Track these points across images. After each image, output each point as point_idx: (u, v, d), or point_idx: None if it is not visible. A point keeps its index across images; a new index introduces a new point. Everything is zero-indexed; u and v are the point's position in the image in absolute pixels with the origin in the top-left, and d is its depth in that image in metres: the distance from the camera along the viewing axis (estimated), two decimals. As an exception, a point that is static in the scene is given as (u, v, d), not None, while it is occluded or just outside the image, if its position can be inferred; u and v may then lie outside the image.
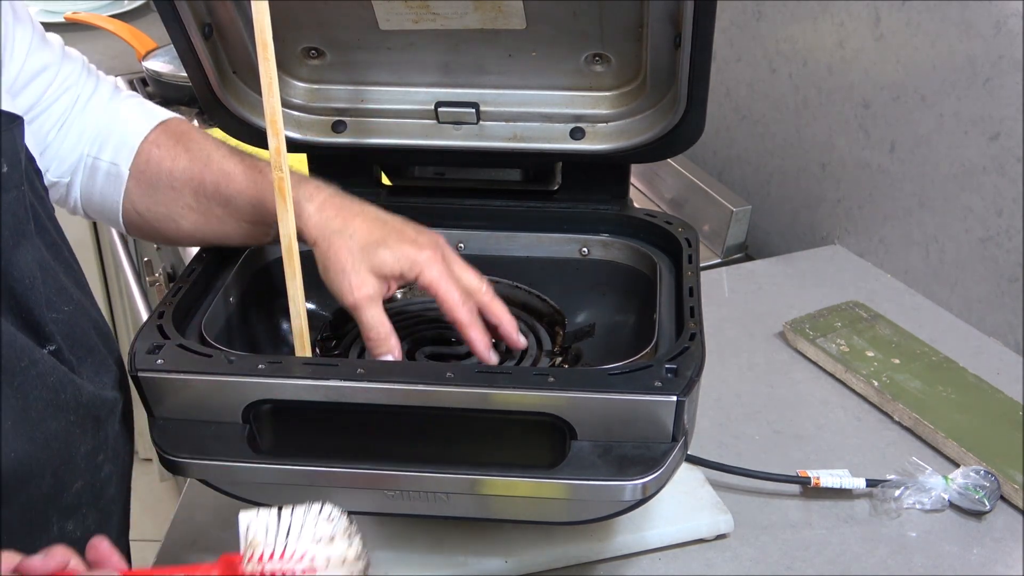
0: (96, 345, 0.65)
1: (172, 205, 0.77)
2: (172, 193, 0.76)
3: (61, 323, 0.62)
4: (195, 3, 0.76)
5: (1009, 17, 0.95)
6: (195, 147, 0.77)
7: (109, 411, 0.65)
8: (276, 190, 0.69)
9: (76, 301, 0.64)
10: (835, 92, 1.19)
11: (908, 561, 0.78)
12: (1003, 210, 1.00)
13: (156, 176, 0.76)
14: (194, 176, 0.76)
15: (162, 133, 0.77)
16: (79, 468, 0.62)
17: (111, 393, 0.65)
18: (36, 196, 0.63)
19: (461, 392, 0.63)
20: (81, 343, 0.64)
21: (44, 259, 0.62)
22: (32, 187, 0.63)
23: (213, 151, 0.77)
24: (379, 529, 0.76)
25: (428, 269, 0.71)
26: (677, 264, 0.80)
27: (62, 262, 0.65)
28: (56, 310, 0.62)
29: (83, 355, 0.64)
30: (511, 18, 0.77)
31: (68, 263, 0.66)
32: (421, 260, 0.71)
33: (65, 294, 0.63)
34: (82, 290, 0.66)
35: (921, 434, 0.90)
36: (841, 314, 1.06)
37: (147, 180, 0.76)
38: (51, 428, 0.59)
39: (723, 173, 1.42)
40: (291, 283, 0.71)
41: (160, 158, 0.76)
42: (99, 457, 0.64)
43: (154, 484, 2.36)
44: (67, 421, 0.60)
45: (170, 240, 0.81)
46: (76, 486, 0.62)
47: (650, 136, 0.81)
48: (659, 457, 0.63)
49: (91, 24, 1.88)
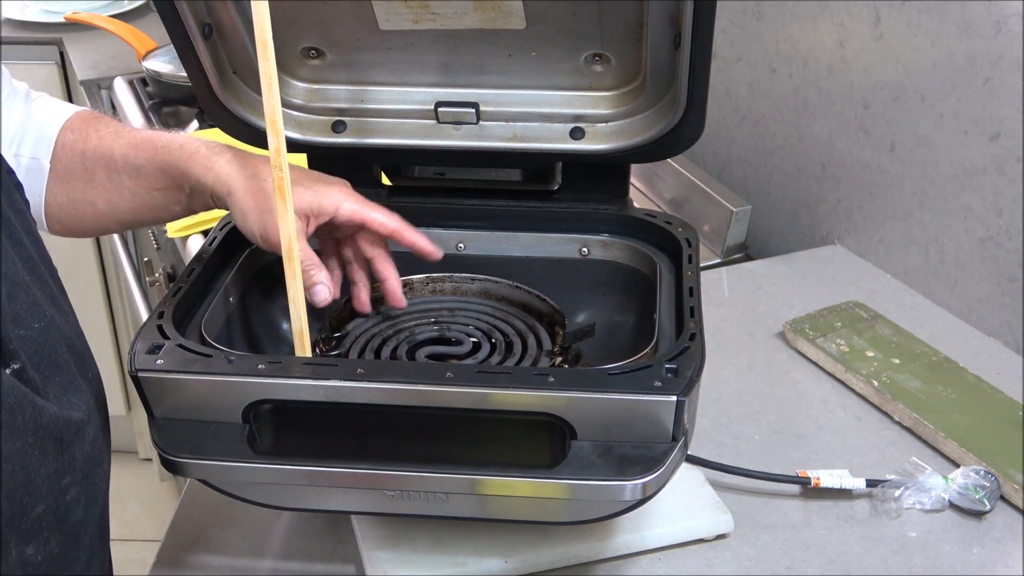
0: (66, 364, 0.63)
1: (86, 188, 0.78)
2: (85, 175, 0.77)
3: (29, 340, 0.59)
4: (195, 3, 0.76)
5: (1009, 17, 0.95)
6: (104, 127, 0.79)
7: (75, 433, 0.62)
8: (276, 190, 0.69)
9: (48, 318, 0.62)
10: (835, 92, 1.19)
11: (908, 561, 0.78)
12: (1003, 210, 1.00)
13: (71, 161, 0.77)
14: (104, 153, 0.77)
15: (75, 119, 0.79)
16: (39, 491, 0.59)
17: (78, 414, 0.62)
18: (14, 209, 0.62)
19: (461, 392, 0.63)
20: (49, 362, 0.61)
21: (16, 274, 0.60)
22: (10, 201, 0.62)
23: (122, 128, 0.79)
24: (379, 529, 0.76)
25: (345, 199, 0.76)
26: (677, 264, 0.80)
27: (37, 278, 0.63)
28: (25, 327, 0.59)
29: (50, 374, 0.61)
30: (511, 18, 0.77)
31: (44, 279, 0.64)
32: (335, 193, 0.76)
33: (37, 310, 0.61)
34: (57, 307, 0.64)
35: (921, 434, 0.90)
36: (841, 314, 1.06)
37: (63, 168, 0.77)
38: (5, 450, 0.57)
39: (723, 173, 1.42)
40: (291, 283, 0.71)
41: (73, 141, 0.78)
42: (63, 480, 0.61)
43: (154, 484, 2.36)
44: (24, 443, 0.57)
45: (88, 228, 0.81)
46: (37, 510, 0.59)
47: (650, 136, 0.81)
48: (659, 457, 0.63)
49: (91, 24, 1.88)
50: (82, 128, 0.78)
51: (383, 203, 0.77)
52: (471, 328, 0.81)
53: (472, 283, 0.86)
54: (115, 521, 0.72)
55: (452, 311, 0.84)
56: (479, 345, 0.79)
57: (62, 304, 0.65)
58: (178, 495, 0.88)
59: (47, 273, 0.65)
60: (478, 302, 0.85)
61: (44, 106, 0.79)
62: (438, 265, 0.83)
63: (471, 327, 0.81)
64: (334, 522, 0.81)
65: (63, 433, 0.61)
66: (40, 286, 0.63)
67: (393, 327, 0.82)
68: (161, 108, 1.69)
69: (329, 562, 0.78)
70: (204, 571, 0.78)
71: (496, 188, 0.88)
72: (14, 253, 0.61)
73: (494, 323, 0.82)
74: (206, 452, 0.66)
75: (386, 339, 0.80)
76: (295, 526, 0.81)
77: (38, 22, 2.09)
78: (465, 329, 0.81)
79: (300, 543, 0.80)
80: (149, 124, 1.63)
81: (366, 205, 0.77)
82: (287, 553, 0.79)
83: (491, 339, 0.80)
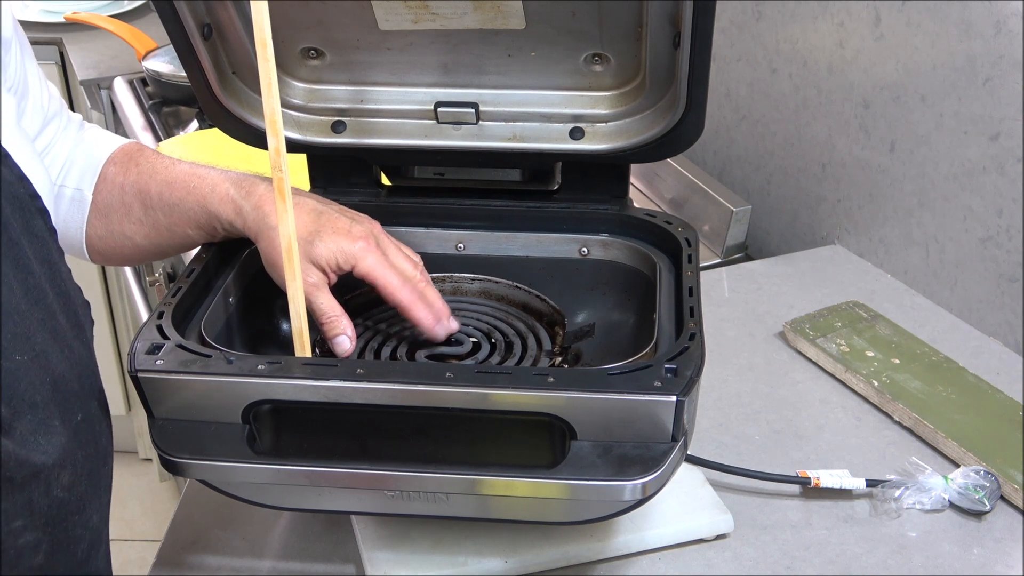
0: (44, 403, 0.59)
1: (124, 222, 0.78)
2: (123, 209, 0.78)
3: (5, 372, 0.56)
4: (194, 3, 0.76)
5: (1009, 17, 0.95)
6: (144, 161, 0.79)
7: (32, 475, 0.58)
8: (276, 190, 0.69)
9: (37, 352, 0.59)
10: (835, 92, 1.19)
11: (908, 561, 0.78)
12: (1003, 210, 1.00)
13: (110, 194, 0.78)
14: (141, 188, 0.78)
15: (119, 152, 0.80)
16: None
17: (42, 458, 0.59)
18: (29, 235, 0.60)
19: (461, 392, 0.63)
20: (23, 398, 0.57)
21: (10, 302, 0.57)
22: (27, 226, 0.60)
23: (159, 163, 0.79)
24: (379, 529, 0.76)
25: (363, 260, 0.74)
26: (677, 264, 0.80)
27: (41, 308, 0.60)
28: (5, 357, 0.57)
29: (22, 410, 0.57)
30: (510, 18, 0.77)
31: (51, 311, 0.61)
32: (355, 251, 0.74)
33: (23, 342, 0.58)
34: (59, 343, 0.61)
35: (921, 434, 0.90)
36: (841, 314, 1.06)
37: (103, 201, 0.78)
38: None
39: (723, 173, 1.42)
40: (291, 283, 0.71)
41: (114, 175, 0.78)
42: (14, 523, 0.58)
43: (154, 484, 2.36)
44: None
45: (129, 260, 0.83)
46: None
47: (650, 136, 0.80)
48: (659, 457, 0.63)
49: (91, 24, 1.88)
50: (124, 162, 0.79)
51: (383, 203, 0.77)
52: (471, 328, 0.81)
53: (472, 283, 0.86)
54: (115, 521, 0.71)
55: (452, 311, 0.84)
56: (479, 345, 0.79)
57: (70, 340, 0.62)
58: (178, 495, 0.88)
59: (59, 306, 0.62)
60: (478, 302, 0.85)
61: (94, 137, 0.80)
62: (438, 265, 0.83)
63: (471, 327, 0.81)
64: (334, 522, 0.81)
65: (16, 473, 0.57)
66: (42, 318, 0.60)
67: (393, 327, 0.82)
68: (161, 108, 1.69)
69: (329, 562, 0.78)
70: (204, 571, 0.78)
71: (496, 188, 0.88)
72: (16, 280, 0.58)
73: (494, 323, 0.82)
74: (206, 452, 0.66)
75: (386, 339, 0.80)
76: (295, 526, 0.81)
77: (38, 22, 2.09)
78: (465, 329, 0.81)
79: (300, 543, 0.80)
80: (149, 124, 1.63)
81: (379, 266, 0.74)
82: (287, 553, 0.79)
83: (491, 339, 0.80)
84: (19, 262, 0.59)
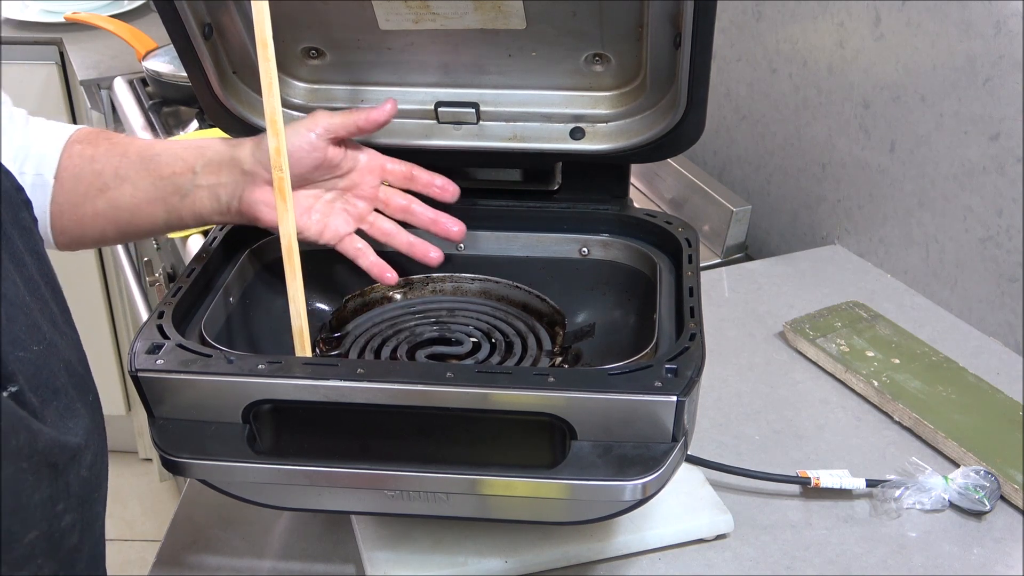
0: (65, 388, 0.62)
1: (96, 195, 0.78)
2: (96, 181, 0.78)
3: (27, 363, 0.58)
4: (195, 3, 0.76)
5: (1009, 17, 0.95)
6: (115, 136, 0.80)
7: (70, 458, 0.61)
8: (276, 190, 0.69)
9: (48, 340, 0.61)
10: (835, 92, 1.19)
11: (908, 561, 0.78)
12: (1003, 210, 1.00)
13: (79, 168, 0.78)
14: (119, 152, 0.78)
15: (80, 133, 0.80)
16: (32, 518, 0.59)
17: (74, 439, 0.61)
18: (19, 228, 0.61)
19: (461, 392, 0.63)
20: (48, 385, 0.60)
21: (17, 295, 0.59)
22: (15, 219, 0.61)
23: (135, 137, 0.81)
24: (379, 529, 0.76)
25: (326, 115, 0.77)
26: (677, 264, 0.80)
27: (38, 299, 0.62)
28: (24, 349, 0.58)
29: (48, 398, 0.60)
30: (511, 18, 0.77)
31: (45, 300, 0.63)
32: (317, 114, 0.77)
33: (36, 332, 0.60)
34: (58, 329, 0.63)
35: (921, 434, 0.90)
36: (841, 314, 1.06)
37: (69, 177, 0.78)
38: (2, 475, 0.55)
39: (723, 173, 1.42)
40: (291, 283, 0.71)
41: (82, 150, 0.79)
42: (57, 506, 0.60)
43: (154, 484, 2.36)
44: (17, 468, 0.56)
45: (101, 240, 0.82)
46: (30, 536, 0.58)
47: (650, 136, 0.81)
48: (659, 457, 0.63)
49: (91, 24, 1.88)
50: (91, 139, 0.79)
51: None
52: (471, 328, 0.81)
53: (472, 283, 0.86)
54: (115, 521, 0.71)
55: (452, 311, 0.84)
56: (479, 345, 0.79)
57: (63, 326, 0.64)
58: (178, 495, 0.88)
59: (49, 294, 0.64)
60: (478, 302, 0.85)
61: (42, 126, 0.80)
62: (438, 265, 0.83)
63: (471, 327, 0.82)
64: (334, 522, 0.81)
65: (58, 458, 0.59)
66: (41, 307, 0.62)
67: (393, 327, 0.82)
68: (161, 108, 1.69)
69: (329, 562, 0.78)
70: (204, 571, 0.78)
71: (496, 188, 0.88)
72: (16, 273, 0.60)
73: (494, 323, 0.82)
74: (206, 452, 0.66)
75: (386, 339, 0.80)
76: (295, 526, 0.81)
77: (38, 22, 2.09)
78: (465, 329, 0.81)
79: (300, 543, 0.80)
80: (149, 124, 1.63)
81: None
82: (287, 553, 0.79)
83: (491, 339, 0.80)
84: (14, 256, 0.60)
